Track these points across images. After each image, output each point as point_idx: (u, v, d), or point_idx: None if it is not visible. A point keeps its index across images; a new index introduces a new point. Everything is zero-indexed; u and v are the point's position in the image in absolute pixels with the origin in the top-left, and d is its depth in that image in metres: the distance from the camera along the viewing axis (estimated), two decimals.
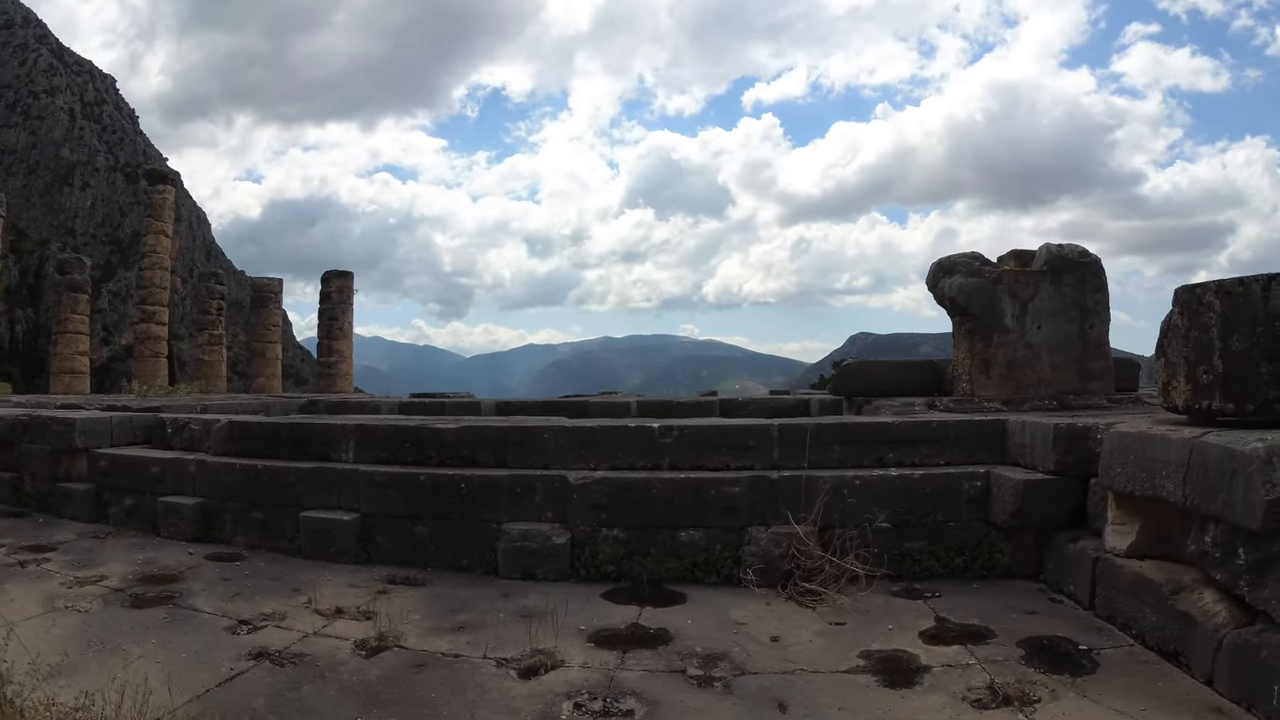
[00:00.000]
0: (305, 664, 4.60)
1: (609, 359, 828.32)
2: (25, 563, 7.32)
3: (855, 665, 4.37)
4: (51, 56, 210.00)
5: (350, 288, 32.17)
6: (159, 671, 4.46)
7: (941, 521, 6.22)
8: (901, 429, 6.97)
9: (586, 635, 4.93)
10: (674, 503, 6.38)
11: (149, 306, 29.70)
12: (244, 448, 8.81)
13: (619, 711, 3.77)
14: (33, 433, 10.37)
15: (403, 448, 7.71)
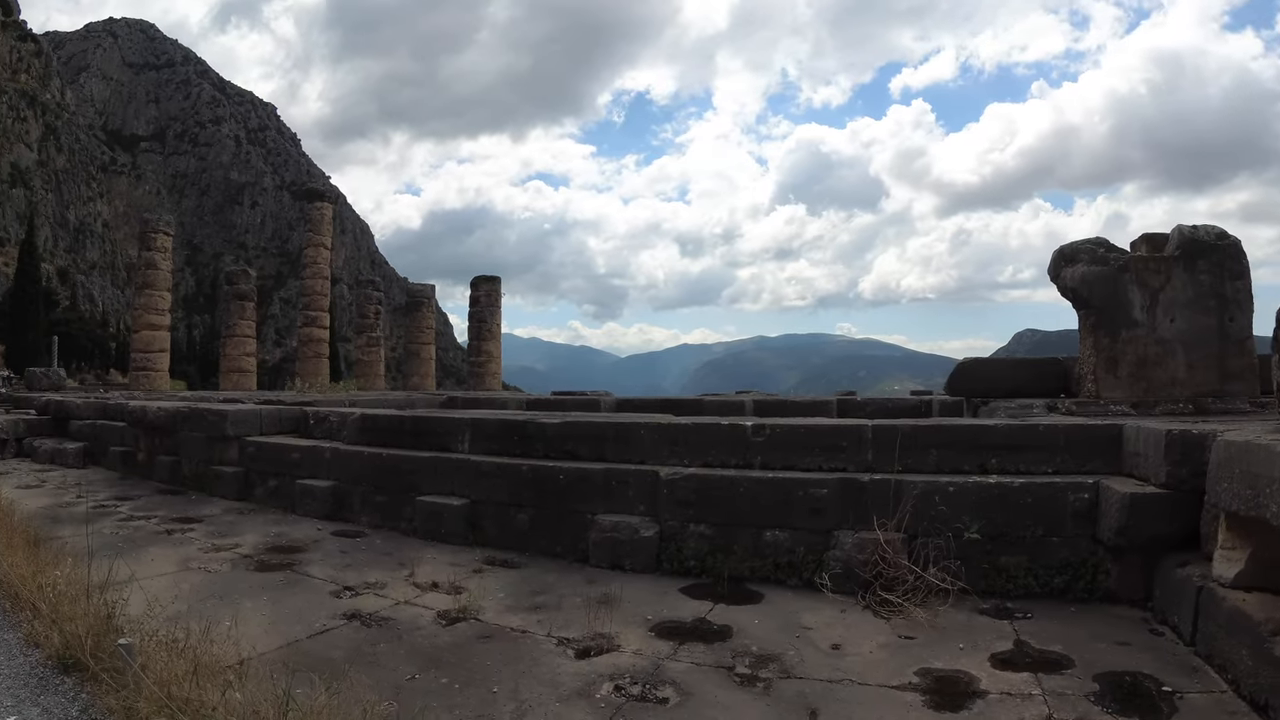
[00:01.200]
0: (388, 627, 5.12)
1: (763, 359, 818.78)
2: (172, 531, 8.43)
3: (907, 682, 4.22)
4: (213, 89, 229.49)
5: (498, 292, 33.91)
6: (262, 622, 5.15)
7: (1042, 536, 5.78)
8: (1004, 432, 6.57)
9: (650, 625, 5.13)
10: (760, 502, 6.39)
11: (311, 312, 32.52)
12: (373, 438, 9.75)
13: (654, 698, 3.95)
14: (191, 423, 11.87)
15: (511, 440, 8.23)
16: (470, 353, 34.73)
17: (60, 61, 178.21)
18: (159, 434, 12.96)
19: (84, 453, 15.12)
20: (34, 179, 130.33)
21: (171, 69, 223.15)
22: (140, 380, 27.36)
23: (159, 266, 27.83)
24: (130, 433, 14.09)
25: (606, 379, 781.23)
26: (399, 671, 4.31)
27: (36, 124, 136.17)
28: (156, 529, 8.57)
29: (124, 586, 5.21)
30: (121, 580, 5.52)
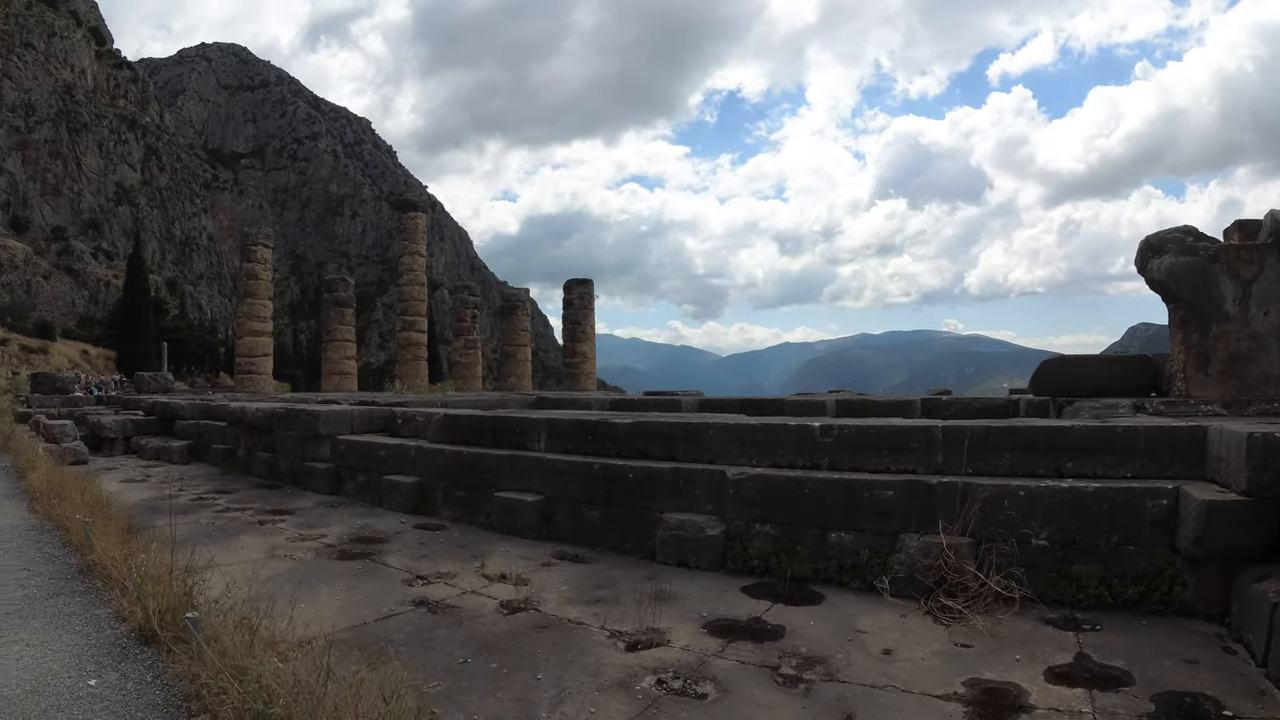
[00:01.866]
0: (451, 614, 5.37)
1: (866, 357, 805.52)
2: (263, 522, 8.96)
3: (952, 692, 4.10)
4: (309, 107, 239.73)
5: (590, 294, 34.57)
6: (335, 605, 5.49)
7: (1117, 544, 5.48)
8: (1081, 434, 6.22)
9: (704, 622, 5.20)
10: (825, 503, 6.34)
11: (408, 317, 33.96)
12: (455, 436, 10.13)
13: (693, 693, 4.02)
14: (287, 422, 12.58)
15: (585, 440, 8.44)
16: (565, 354, 35.51)
17: (157, 86, 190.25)
18: (257, 433, 13.75)
19: (187, 450, 16.06)
20: (139, 197, 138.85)
21: (266, 89, 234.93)
22: (245, 383, 28.77)
23: (259, 277, 29.18)
24: (230, 431, 14.97)
25: (707, 379, 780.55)
26: (453, 655, 4.53)
27: (138, 145, 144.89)
28: (249, 520, 9.13)
29: (210, 571, 5.57)
30: (209, 565, 5.92)
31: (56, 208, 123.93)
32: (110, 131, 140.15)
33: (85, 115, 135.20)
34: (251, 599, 4.67)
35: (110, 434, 18.05)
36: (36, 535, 7.22)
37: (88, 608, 4.95)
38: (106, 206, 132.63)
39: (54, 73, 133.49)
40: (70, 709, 3.41)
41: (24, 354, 71.15)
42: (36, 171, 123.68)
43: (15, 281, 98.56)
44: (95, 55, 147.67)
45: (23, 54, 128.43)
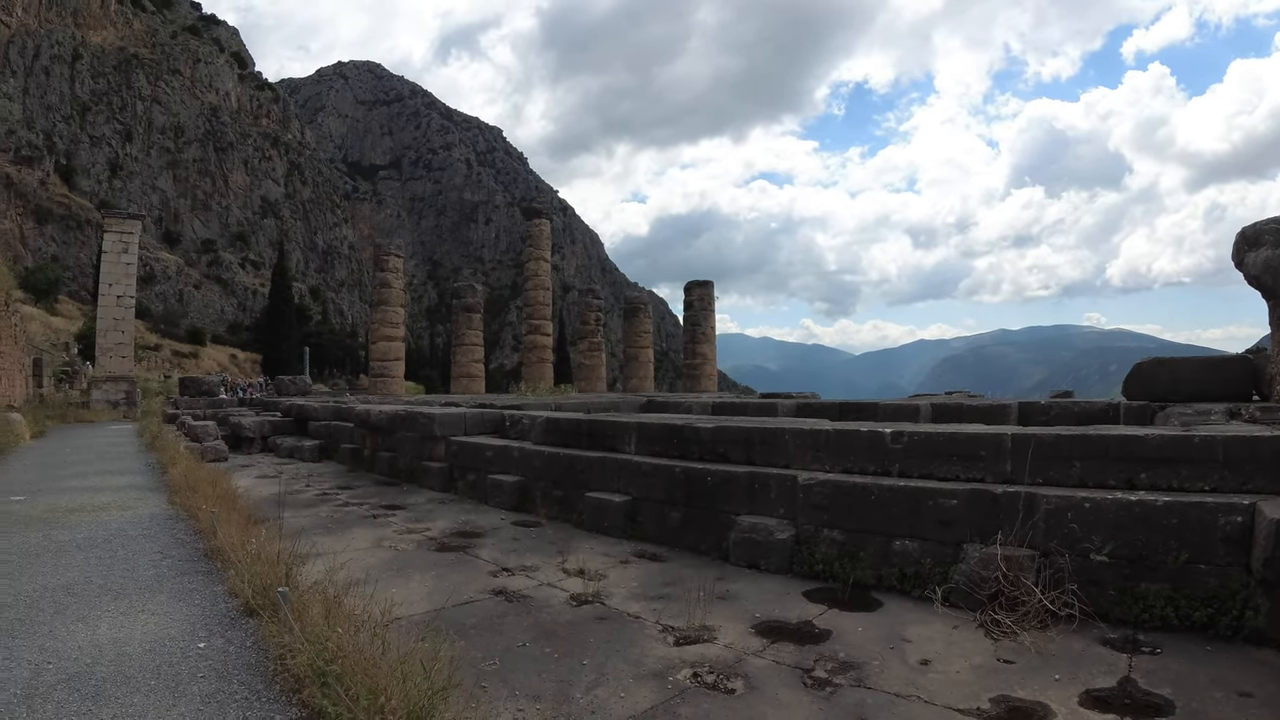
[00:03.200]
0: (523, 603, 5.91)
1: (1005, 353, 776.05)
2: (376, 516, 9.80)
3: (975, 707, 4.11)
4: (441, 118, 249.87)
5: (710, 295, 35.24)
6: (422, 591, 6.16)
7: (1186, 562, 5.23)
8: (1154, 444, 5.94)
9: (755, 623, 5.46)
10: (890, 510, 6.43)
11: (533, 321, 35.36)
12: (555, 439, 10.77)
13: (723, 688, 4.32)
14: (406, 424, 13.57)
15: (671, 443, 8.86)
16: (685, 355, 36.32)
17: (297, 105, 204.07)
18: (380, 434, 14.89)
19: (318, 449, 17.43)
20: (283, 210, 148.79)
21: (400, 103, 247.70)
22: (378, 386, 30.44)
23: (391, 285, 30.81)
24: (357, 432, 16.20)
25: (840, 378, 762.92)
26: (515, 639, 5.06)
27: (281, 162, 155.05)
28: (364, 514, 10.05)
29: (319, 558, 6.38)
30: (319, 553, 6.89)
31: (206, 222, 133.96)
32: (254, 149, 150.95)
33: (231, 135, 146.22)
34: (347, 582, 5.31)
35: (249, 434, 19.69)
36: (172, 524, 8.18)
37: (207, 585, 5.75)
38: (253, 219, 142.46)
39: (200, 96, 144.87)
40: (179, 665, 4.13)
41: (175, 359, 77.16)
42: (186, 189, 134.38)
43: (168, 291, 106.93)
44: (238, 78, 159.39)
45: (170, 80, 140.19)
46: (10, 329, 27.76)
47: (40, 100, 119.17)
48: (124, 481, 11.57)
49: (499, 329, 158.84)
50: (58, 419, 26.94)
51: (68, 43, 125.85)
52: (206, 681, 3.89)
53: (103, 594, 5.52)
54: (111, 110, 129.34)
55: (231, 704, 3.62)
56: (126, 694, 3.74)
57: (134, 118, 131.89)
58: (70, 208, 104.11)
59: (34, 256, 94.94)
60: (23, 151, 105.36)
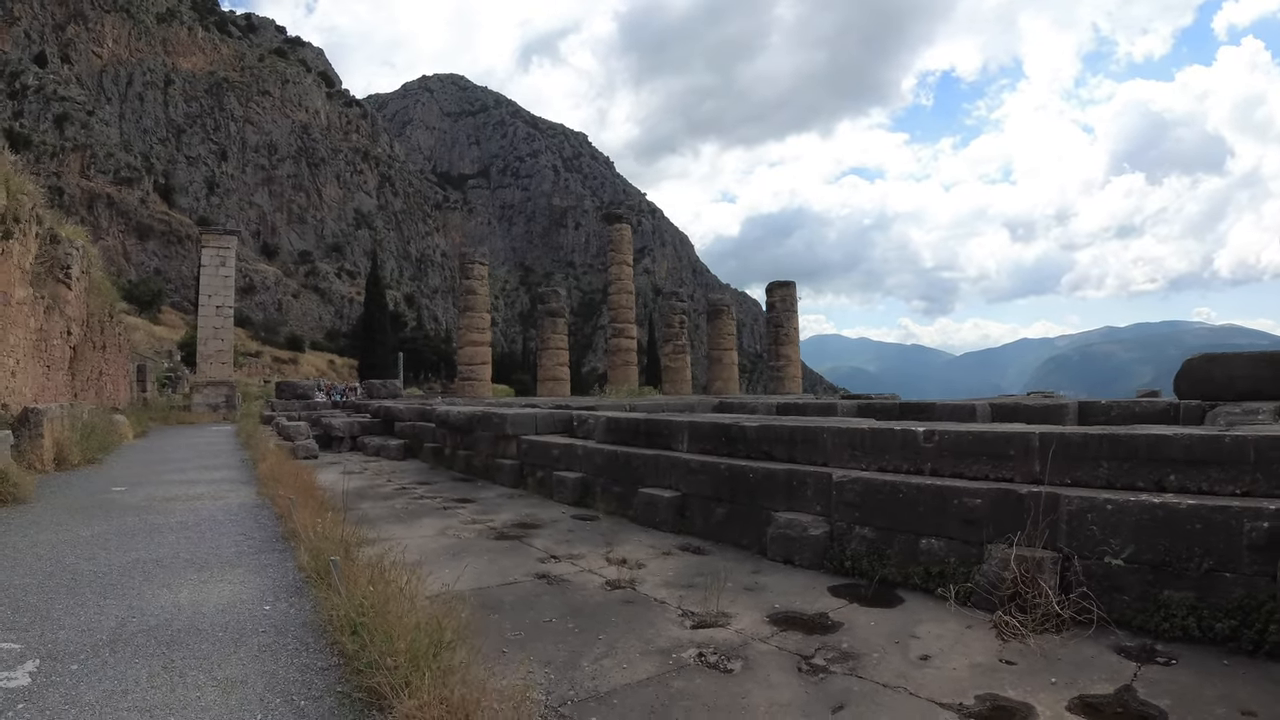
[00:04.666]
0: (560, 585, 6.44)
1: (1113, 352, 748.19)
2: (447, 508, 10.53)
3: (958, 703, 4.21)
4: (527, 126, 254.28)
5: (793, 296, 35.50)
6: (473, 572, 6.76)
7: (1210, 570, 5.08)
8: (1183, 445, 5.77)
9: (772, 613, 5.77)
10: (917, 508, 6.58)
11: (618, 324, 36.24)
12: (615, 438, 11.29)
13: (721, 667, 4.66)
14: (482, 424, 14.41)
15: (720, 441, 9.24)
16: (769, 357, 36.77)
17: (385, 119, 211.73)
18: (459, 433, 15.78)
19: (403, 448, 18.49)
20: (375, 221, 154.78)
21: (485, 113, 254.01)
22: (465, 389, 31.59)
23: (477, 292, 31.93)
24: (439, 432, 17.14)
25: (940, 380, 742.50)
26: (544, 614, 5.59)
27: (372, 175, 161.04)
28: (435, 506, 10.82)
29: (385, 542, 7.13)
30: (387, 538, 7.70)
31: (302, 234, 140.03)
32: (346, 163, 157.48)
33: (322, 151, 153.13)
34: (405, 562, 5.91)
35: (339, 434, 20.90)
36: (258, 511, 9.03)
37: (281, 561, 6.49)
38: (347, 231, 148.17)
39: (290, 115, 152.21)
40: (245, 623, 4.82)
41: (276, 364, 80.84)
42: (282, 203, 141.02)
43: (268, 301, 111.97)
44: (326, 96, 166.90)
45: (261, 101, 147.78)
46: (115, 338, 29.73)
47: (136, 124, 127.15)
48: (218, 475, 12.57)
49: (591, 332, 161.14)
50: (160, 421, 28.83)
51: (159, 70, 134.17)
52: (266, 635, 4.54)
53: (188, 566, 6.29)
54: (205, 131, 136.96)
55: (283, 651, 4.27)
56: (196, 642, 4.42)
57: (228, 137, 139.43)
58: (170, 224, 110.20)
59: (137, 271, 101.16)
60: (122, 173, 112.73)
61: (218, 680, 3.86)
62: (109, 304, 28.91)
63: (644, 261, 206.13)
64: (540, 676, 4.38)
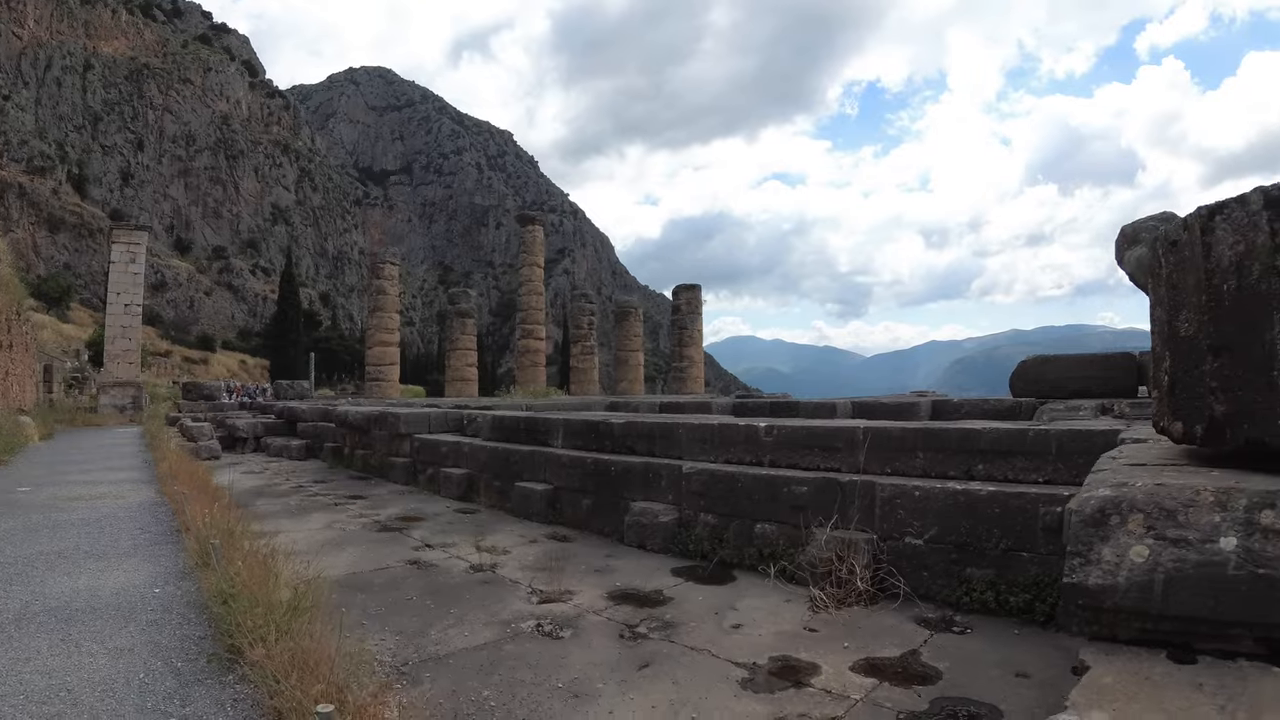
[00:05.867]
0: (427, 569, 6.99)
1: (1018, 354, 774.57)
2: (338, 504, 10.95)
3: (752, 663, 4.70)
4: (453, 123, 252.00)
5: (698, 299, 36.46)
6: (350, 560, 7.30)
7: (1008, 550, 5.56)
8: (991, 437, 6.41)
9: (610, 590, 6.36)
10: (753, 496, 7.23)
11: (527, 325, 36.50)
12: (500, 435, 11.84)
13: (553, 635, 5.21)
14: (378, 423, 14.80)
15: (590, 437, 9.89)
16: (674, 358, 37.66)
17: (308, 111, 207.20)
18: (357, 432, 16.07)
19: (305, 448, 18.71)
20: (293, 216, 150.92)
21: (412, 108, 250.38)
22: (373, 390, 31.72)
23: (387, 292, 32.13)
24: (338, 432, 17.42)
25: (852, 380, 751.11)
26: (407, 594, 6.17)
27: (292, 168, 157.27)
28: (328, 502, 11.21)
29: (276, 535, 7.65)
30: (278, 531, 8.24)
31: (217, 229, 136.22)
32: (265, 156, 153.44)
33: (242, 142, 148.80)
34: (290, 552, 6.54)
35: (242, 435, 21.09)
36: (156, 508, 9.34)
37: (174, 551, 6.90)
38: (263, 226, 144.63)
39: (211, 105, 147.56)
40: (137, 603, 5.30)
41: (186, 365, 79.04)
42: (198, 196, 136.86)
43: (179, 298, 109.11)
44: (249, 86, 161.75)
45: (182, 89, 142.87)
46: (22, 336, 29.14)
47: (53, 111, 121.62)
48: (121, 476, 12.71)
49: (509, 333, 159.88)
50: (66, 423, 28.23)
51: (79, 54, 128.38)
52: (154, 613, 5.04)
53: (88, 557, 6.70)
54: (123, 120, 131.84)
55: (167, 625, 4.77)
56: (92, 619, 4.90)
57: (145, 127, 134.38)
58: (83, 217, 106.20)
59: (46, 265, 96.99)
60: (35, 161, 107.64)
61: (109, 649, 4.36)
62: (16, 301, 28.36)
63: (564, 262, 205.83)
64: (391, 642, 4.94)
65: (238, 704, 3.67)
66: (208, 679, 3.97)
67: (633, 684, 4.40)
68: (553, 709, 4.06)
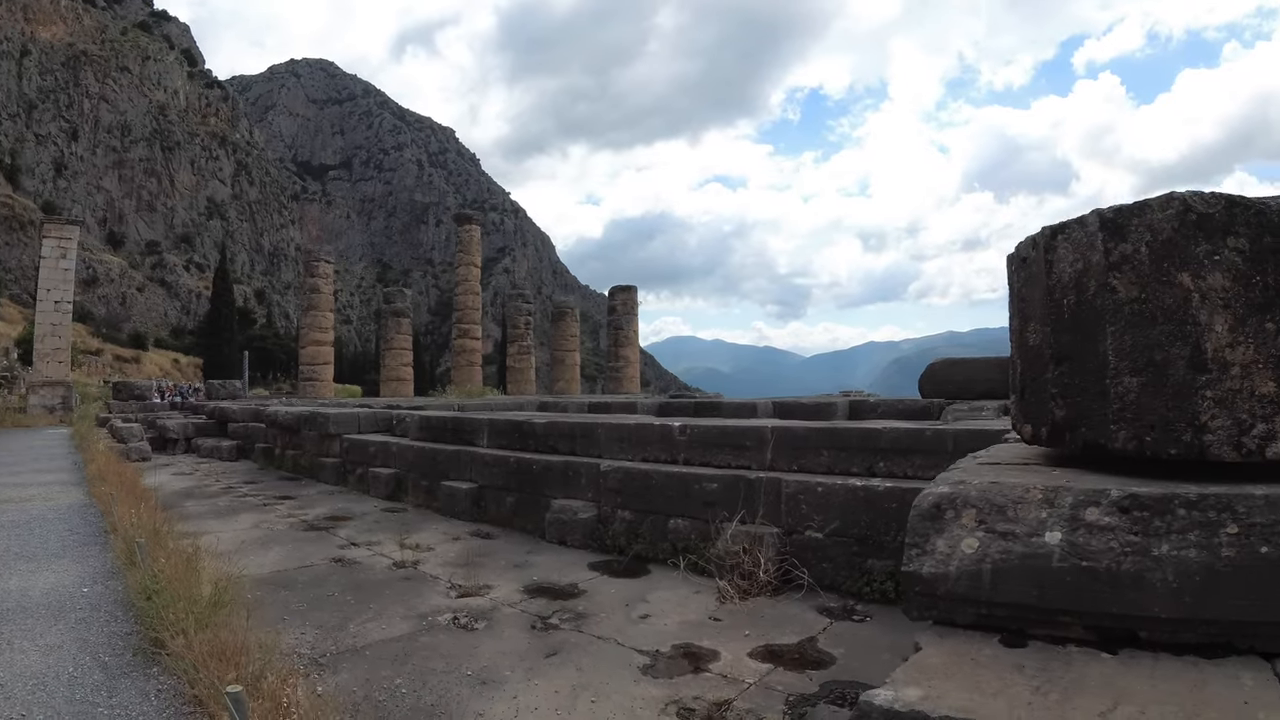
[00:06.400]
0: (352, 567, 7.17)
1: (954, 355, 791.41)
2: (267, 505, 11.03)
3: (655, 650, 4.98)
4: (394, 118, 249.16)
5: (634, 300, 36.84)
6: (276, 558, 7.43)
7: (906, 542, 5.97)
8: (891, 436, 6.76)
9: (527, 584, 6.60)
10: (667, 493, 7.53)
11: (464, 325, 36.56)
12: (428, 435, 11.99)
13: (468, 626, 5.42)
14: (309, 424, 14.82)
15: (514, 437, 10.12)
16: (609, 358, 37.85)
17: (247, 103, 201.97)
18: (287, 433, 16.05)
19: (236, 449, 18.57)
20: (229, 211, 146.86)
21: (353, 102, 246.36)
22: (306, 390, 31.46)
23: (321, 291, 31.91)
24: (270, 432, 17.35)
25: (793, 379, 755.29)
26: (329, 590, 6.34)
27: (228, 161, 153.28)
28: (257, 503, 11.26)
29: (204, 535, 7.82)
30: (206, 531, 8.38)
31: (151, 223, 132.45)
32: (202, 149, 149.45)
33: (178, 134, 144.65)
34: (216, 551, 6.75)
35: (173, 435, 20.89)
36: (85, 510, 9.38)
37: (102, 552, 7.02)
38: (198, 221, 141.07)
39: (148, 94, 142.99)
40: (66, 602, 5.46)
41: (118, 363, 77.01)
42: (132, 189, 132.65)
43: (111, 294, 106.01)
44: (188, 76, 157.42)
45: (119, 78, 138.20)
46: None
47: None
48: (50, 478, 12.63)
49: (448, 332, 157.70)
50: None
51: (16, 39, 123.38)
52: (82, 611, 5.20)
53: (18, 559, 6.80)
54: (58, 108, 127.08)
55: (95, 623, 4.94)
56: (23, 618, 5.06)
57: (80, 116, 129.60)
58: (14, 209, 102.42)
59: None
60: None
61: (40, 646, 4.53)
62: None
63: (504, 261, 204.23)
64: (310, 636, 5.12)
65: (161, 694, 3.89)
66: (133, 671, 4.17)
67: (539, 671, 4.64)
68: (460, 694, 4.29)
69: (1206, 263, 2.70)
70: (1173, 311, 2.73)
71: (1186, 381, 2.71)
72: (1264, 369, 2.65)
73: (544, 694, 4.33)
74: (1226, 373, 2.68)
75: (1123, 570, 2.52)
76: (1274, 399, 2.64)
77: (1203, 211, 2.73)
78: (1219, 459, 2.68)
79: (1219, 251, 2.69)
